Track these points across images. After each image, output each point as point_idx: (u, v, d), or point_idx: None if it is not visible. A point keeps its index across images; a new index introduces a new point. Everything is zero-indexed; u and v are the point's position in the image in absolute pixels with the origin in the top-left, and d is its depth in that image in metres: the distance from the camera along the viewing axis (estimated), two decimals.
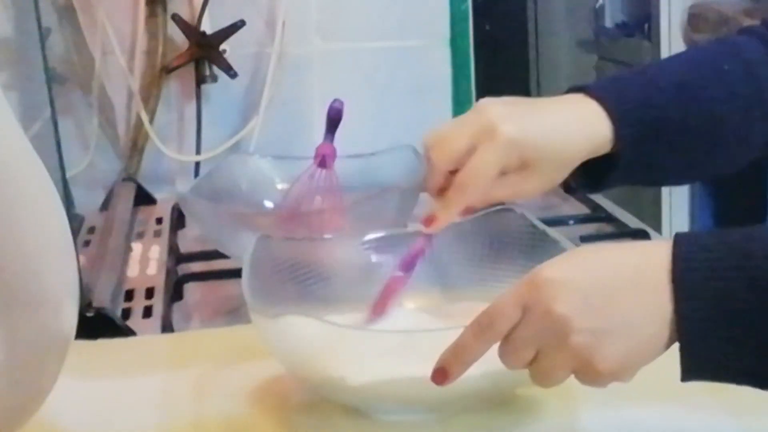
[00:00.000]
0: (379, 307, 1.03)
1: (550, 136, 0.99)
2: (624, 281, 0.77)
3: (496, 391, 0.95)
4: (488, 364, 0.81)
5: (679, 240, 0.76)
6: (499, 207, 1.12)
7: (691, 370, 0.76)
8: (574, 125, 1.00)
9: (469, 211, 1.05)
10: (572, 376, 0.79)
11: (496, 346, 0.80)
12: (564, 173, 1.01)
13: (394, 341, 0.92)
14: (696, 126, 1.01)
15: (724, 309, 0.74)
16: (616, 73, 1.06)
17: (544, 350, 0.78)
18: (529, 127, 0.98)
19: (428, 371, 0.82)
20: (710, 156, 1.04)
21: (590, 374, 0.78)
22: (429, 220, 1.02)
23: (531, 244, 1.06)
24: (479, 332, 0.80)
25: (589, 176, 1.03)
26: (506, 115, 0.98)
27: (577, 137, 0.99)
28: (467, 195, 0.98)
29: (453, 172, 0.99)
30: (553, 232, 1.07)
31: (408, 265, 1.04)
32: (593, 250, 0.83)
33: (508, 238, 1.07)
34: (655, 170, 1.04)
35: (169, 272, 1.45)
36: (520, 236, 1.07)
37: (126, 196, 1.80)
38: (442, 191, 1.00)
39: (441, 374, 0.82)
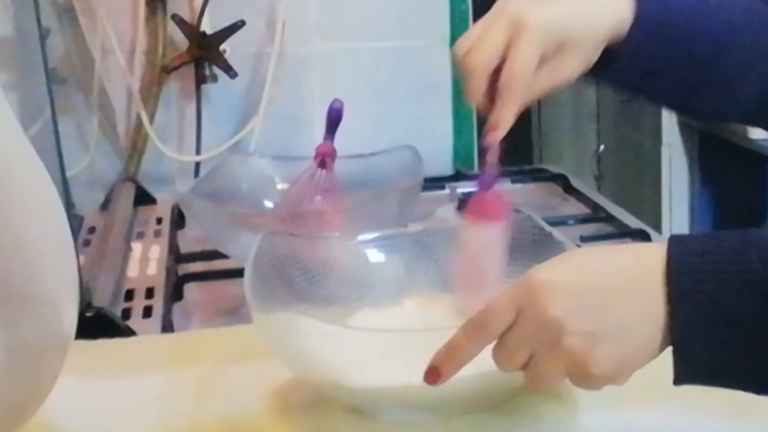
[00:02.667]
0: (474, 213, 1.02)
1: (578, 15, 1.00)
2: (618, 284, 0.77)
3: (496, 392, 0.95)
4: (486, 365, 0.81)
5: (673, 243, 0.76)
6: None
7: (684, 374, 0.76)
8: (599, 5, 1.01)
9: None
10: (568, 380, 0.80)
11: (490, 348, 0.80)
12: (595, 53, 1.01)
13: (395, 341, 0.92)
14: (702, 42, 1.03)
15: (718, 312, 0.73)
16: None
17: (538, 353, 0.78)
18: (556, 11, 1.00)
19: None
20: (705, 82, 1.04)
21: (584, 377, 0.77)
22: (492, 128, 0.99)
23: (536, 245, 1.06)
24: (472, 333, 0.79)
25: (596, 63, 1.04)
26: (529, 5, 0.99)
27: (604, 16, 1.01)
28: (516, 91, 0.98)
29: (493, 75, 0.99)
30: (558, 233, 1.07)
31: (488, 183, 1.01)
32: (588, 252, 0.83)
33: (513, 239, 1.07)
34: (653, 73, 1.04)
35: (169, 272, 1.45)
36: (524, 237, 1.07)
37: (126, 196, 1.80)
38: (486, 97, 1.00)
39: (434, 374, 0.82)
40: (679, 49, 1.02)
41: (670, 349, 0.76)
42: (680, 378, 0.76)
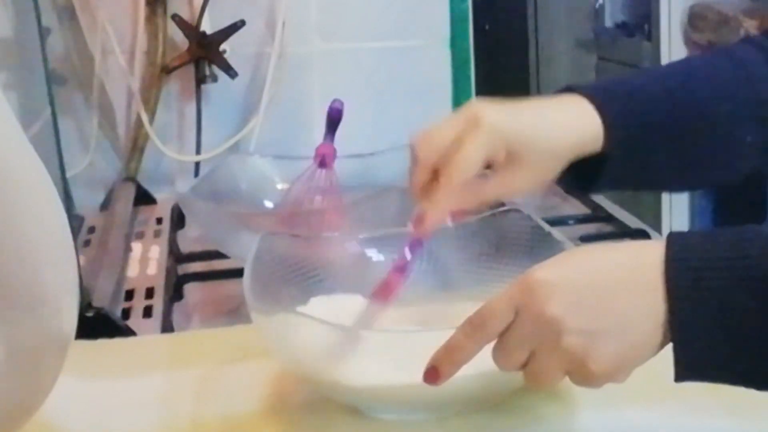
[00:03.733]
0: (376, 297, 1.01)
1: (536, 126, 0.98)
2: (617, 282, 0.77)
3: (495, 391, 0.95)
4: (486, 365, 0.81)
5: (672, 240, 0.76)
6: (505, 207, 1.12)
7: (685, 371, 0.76)
8: (561, 118, 0.99)
9: (460, 214, 1.03)
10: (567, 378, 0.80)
11: (489, 348, 0.80)
12: (554, 169, 1.00)
13: (394, 341, 0.92)
14: (686, 126, 1.01)
15: (718, 309, 0.73)
16: (611, 76, 1.06)
17: (538, 352, 0.78)
18: (514, 117, 0.98)
19: None
20: (702, 159, 1.03)
21: (584, 375, 0.78)
22: (418, 221, 0.98)
23: (535, 244, 1.06)
24: (471, 332, 0.79)
25: (581, 178, 1.03)
26: (492, 108, 0.98)
27: (565, 130, 0.99)
28: (453, 187, 0.96)
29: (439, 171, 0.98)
30: (557, 233, 1.07)
31: (401, 269, 1.01)
32: (586, 251, 0.83)
33: (512, 238, 1.07)
34: (647, 172, 1.03)
35: (169, 272, 1.46)
36: (524, 237, 1.07)
37: (126, 196, 1.80)
38: (427, 190, 0.98)
39: (433, 374, 0.82)
40: (664, 135, 1.01)
41: (669, 347, 0.76)
42: (681, 375, 0.76)
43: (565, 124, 0.99)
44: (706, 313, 0.74)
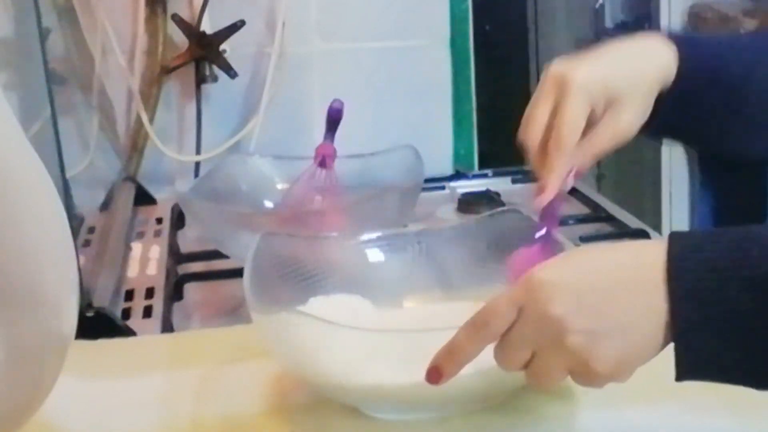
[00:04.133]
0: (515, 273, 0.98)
1: (622, 65, 1.00)
2: (619, 282, 0.77)
3: (496, 391, 0.95)
4: (487, 365, 0.81)
5: (673, 239, 0.76)
6: (502, 208, 1.12)
7: (685, 371, 0.76)
8: (644, 52, 1.01)
9: (579, 173, 1.01)
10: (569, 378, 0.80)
11: (490, 347, 0.80)
12: (649, 101, 1.01)
13: (394, 341, 0.92)
14: (753, 89, 1.02)
15: (719, 309, 0.74)
16: None
17: (540, 351, 0.78)
18: (599, 66, 1.00)
19: None
20: (754, 127, 1.04)
21: (586, 375, 0.78)
22: (540, 191, 0.99)
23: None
24: (474, 332, 0.80)
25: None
26: (574, 65, 0.99)
27: (650, 62, 1.01)
28: (564, 153, 0.97)
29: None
30: (557, 233, 1.07)
31: (548, 239, 1.00)
32: (588, 251, 0.83)
33: (511, 238, 1.07)
34: (701, 121, 1.04)
35: (169, 272, 1.46)
36: (523, 237, 1.07)
37: (126, 196, 1.80)
38: (544, 164, 0.99)
39: (435, 373, 0.82)
40: (731, 90, 1.02)
41: (670, 346, 0.76)
42: (682, 374, 0.76)
43: (648, 59, 1.01)
44: (707, 314, 0.74)
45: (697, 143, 1.15)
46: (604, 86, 0.98)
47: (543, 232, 1.00)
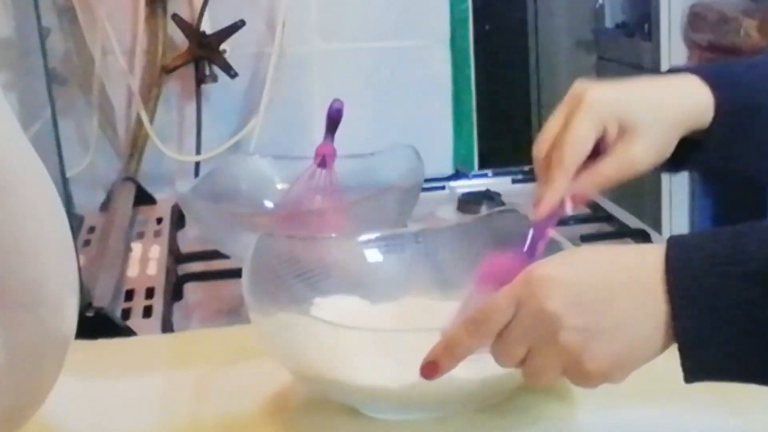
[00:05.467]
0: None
1: (644, 94, 0.97)
2: (617, 282, 0.77)
3: (494, 391, 0.95)
4: (485, 365, 0.81)
5: (672, 242, 0.77)
6: (501, 208, 1.12)
7: (693, 371, 0.76)
8: (673, 87, 0.98)
9: (581, 199, 0.99)
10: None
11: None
12: (671, 139, 0.97)
13: (392, 341, 0.93)
14: None
15: (719, 306, 0.73)
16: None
17: (535, 348, 0.78)
18: (620, 89, 0.97)
19: None
20: None
21: (579, 373, 0.78)
22: (536, 204, 0.97)
23: None
24: (473, 328, 0.80)
25: (677, 156, 0.99)
26: (595, 85, 0.96)
27: (679, 98, 0.97)
28: (567, 167, 0.94)
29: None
30: (554, 232, 1.07)
31: (531, 252, 0.96)
32: (589, 250, 0.84)
33: (510, 238, 1.07)
34: (748, 153, 1.01)
35: (169, 272, 1.46)
36: (521, 237, 1.07)
37: (126, 196, 1.80)
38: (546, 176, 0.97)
39: (431, 368, 0.82)
40: (765, 128, 1.00)
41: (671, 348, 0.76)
42: (690, 376, 0.76)
43: (676, 92, 0.98)
44: (707, 311, 0.74)
45: (746, 177, 1.12)
46: (619, 109, 0.95)
47: (526, 247, 0.98)
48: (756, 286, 0.73)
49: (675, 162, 1.00)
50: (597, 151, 0.96)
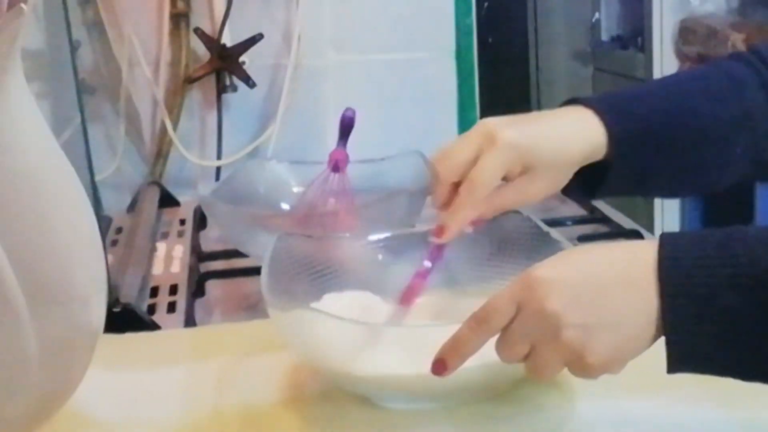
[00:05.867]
0: (403, 301, 1.04)
1: (548, 138, 1.00)
2: (613, 279, 0.77)
3: (498, 382, 0.95)
4: (489, 358, 0.81)
5: (664, 240, 0.76)
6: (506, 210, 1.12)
7: (676, 363, 0.76)
8: (570, 129, 1.01)
9: (478, 221, 1.04)
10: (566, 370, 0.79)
11: (492, 342, 0.80)
12: (565, 176, 1.02)
13: (402, 335, 0.92)
14: (681, 137, 1.01)
15: (708, 304, 0.73)
16: (611, 89, 1.06)
17: (538, 345, 0.78)
18: (527, 132, 1.00)
19: None
20: (695, 167, 1.03)
21: (581, 367, 0.78)
22: (439, 230, 1.02)
23: (534, 244, 1.06)
24: (476, 327, 0.80)
25: (584, 185, 1.03)
26: (505, 124, 0.99)
27: (575, 139, 1.00)
28: (473, 200, 0.98)
29: (458, 185, 0.99)
30: (556, 233, 1.06)
31: (423, 274, 1.04)
32: (584, 250, 0.83)
33: (513, 239, 1.07)
34: (645, 178, 1.03)
35: (192, 270, 1.45)
36: (525, 237, 1.07)
37: (151, 199, 1.80)
38: (448, 205, 1.01)
39: (440, 365, 0.82)
40: (661, 145, 1.01)
41: (661, 340, 0.76)
42: (673, 366, 0.76)
43: (574, 134, 1.00)
44: (695, 310, 0.74)
45: (653, 195, 1.16)
46: (526, 154, 0.99)
47: (428, 266, 1.04)
48: (740, 288, 0.73)
49: (588, 191, 1.05)
50: None
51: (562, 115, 1.02)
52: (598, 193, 1.05)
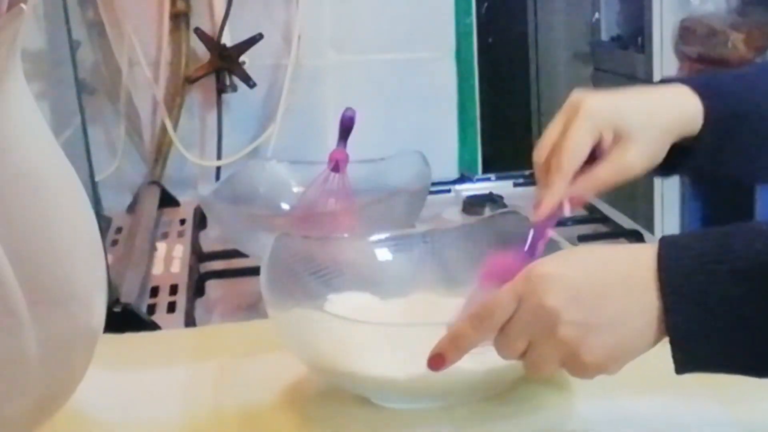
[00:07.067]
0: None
1: (638, 103, 0.97)
2: (614, 279, 0.77)
3: (497, 382, 0.95)
4: (488, 357, 0.81)
5: (664, 242, 0.77)
6: (504, 210, 1.12)
7: (683, 363, 0.76)
8: (662, 97, 0.99)
9: (578, 200, 0.99)
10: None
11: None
12: (661, 146, 0.97)
13: (401, 335, 0.92)
14: None
15: (708, 302, 0.73)
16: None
17: (535, 341, 0.78)
18: (614, 99, 0.97)
19: None
20: None
21: (577, 365, 0.78)
22: (536, 206, 0.97)
23: None
24: (478, 321, 0.80)
25: (669, 161, 1.00)
26: (591, 94, 0.97)
27: (667, 107, 0.98)
28: (563, 172, 0.95)
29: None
30: (553, 232, 1.07)
31: (532, 251, 0.96)
32: (587, 250, 0.84)
33: (512, 238, 1.07)
34: (733, 158, 1.01)
35: (192, 270, 1.46)
36: (523, 236, 1.07)
37: (151, 199, 1.80)
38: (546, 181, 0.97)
39: (438, 360, 0.82)
40: (758, 129, 1.00)
41: (664, 340, 0.76)
42: (680, 367, 0.76)
43: (666, 102, 0.98)
44: (697, 308, 0.74)
45: (734, 180, 1.12)
46: (614, 117, 0.95)
47: (527, 247, 0.97)
48: (742, 282, 0.73)
49: (667, 167, 1.00)
50: (594, 157, 0.96)
51: (654, 88, 1.01)
52: (679, 168, 1.02)
